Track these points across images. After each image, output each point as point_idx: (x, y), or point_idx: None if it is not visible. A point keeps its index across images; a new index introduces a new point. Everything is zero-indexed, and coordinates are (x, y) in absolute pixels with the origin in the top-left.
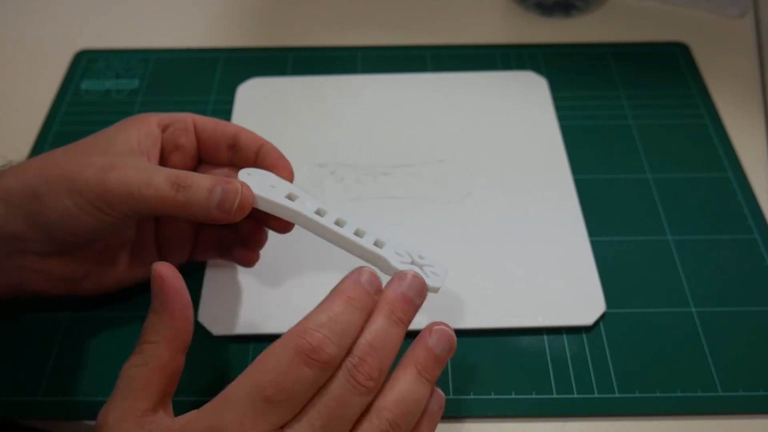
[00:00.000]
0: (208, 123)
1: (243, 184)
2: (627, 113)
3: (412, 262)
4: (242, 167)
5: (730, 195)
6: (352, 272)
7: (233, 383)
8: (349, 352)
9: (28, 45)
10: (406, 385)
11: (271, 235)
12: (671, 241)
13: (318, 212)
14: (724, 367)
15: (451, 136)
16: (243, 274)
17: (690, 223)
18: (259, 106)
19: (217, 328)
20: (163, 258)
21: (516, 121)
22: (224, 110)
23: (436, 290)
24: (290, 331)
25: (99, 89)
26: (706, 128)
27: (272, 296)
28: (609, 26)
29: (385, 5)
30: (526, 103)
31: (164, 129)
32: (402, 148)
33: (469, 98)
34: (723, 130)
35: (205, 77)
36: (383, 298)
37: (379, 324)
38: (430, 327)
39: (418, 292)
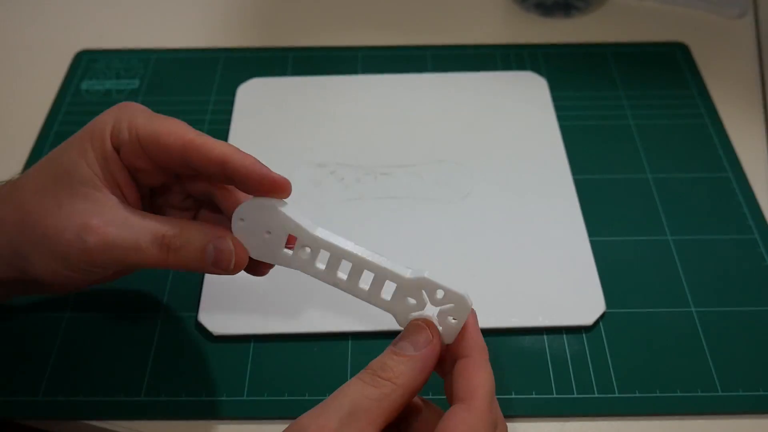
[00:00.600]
0: (149, 142)
1: (236, 242)
2: (627, 113)
3: (424, 309)
4: (215, 181)
5: (730, 195)
6: (471, 325)
7: None
8: None
9: (29, 45)
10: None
11: None
12: (671, 241)
13: (323, 249)
14: (724, 367)
15: (451, 136)
16: (243, 275)
17: (690, 223)
18: (259, 106)
19: (217, 328)
20: None
21: (516, 121)
22: (224, 110)
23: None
24: (480, 404)
25: (99, 89)
26: (706, 128)
27: (272, 296)
28: (609, 26)
29: (385, 5)
30: (526, 103)
31: (117, 150)
32: (402, 148)
33: (469, 98)
34: (723, 130)
35: (205, 77)
36: None
37: None
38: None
39: None
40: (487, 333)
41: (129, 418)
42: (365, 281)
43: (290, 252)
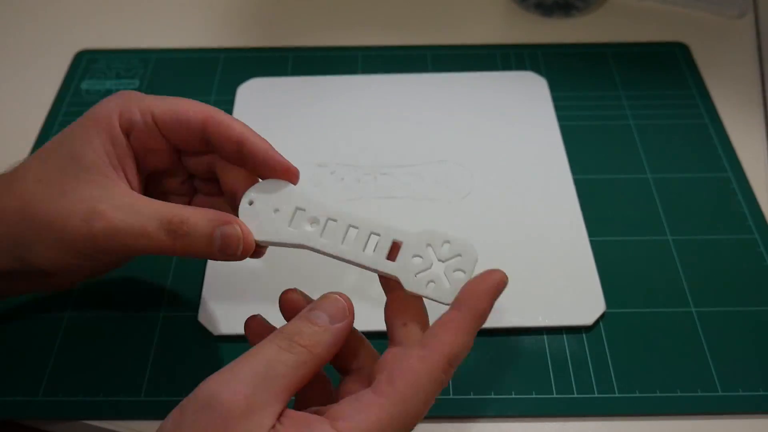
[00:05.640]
0: (167, 119)
1: (243, 226)
2: (627, 113)
3: (431, 266)
4: (227, 159)
5: (730, 195)
6: (484, 290)
7: (382, 411)
8: None
9: (29, 45)
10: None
11: None
12: (671, 241)
13: (330, 218)
14: (724, 367)
15: (451, 136)
16: (243, 274)
17: (690, 223)
18: (259, 106)
19: (217, 328)
20: None
21: (516, 121)
22: (224, 110)
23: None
24: (438, 361)
25: (99, 89)
26: (706, 128)
27: (272, 296)
28: (609, 26)
29: (385, 5)
30: (526, 103)
31: (128, 133)
32: (402, 148)
33: (469, 98)
34: (723, 130)
35: (205, 77)
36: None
37: None
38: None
39: None
40: (487, 333)
41: (129, 418)
42: (369, 248)
43: (294, 229)
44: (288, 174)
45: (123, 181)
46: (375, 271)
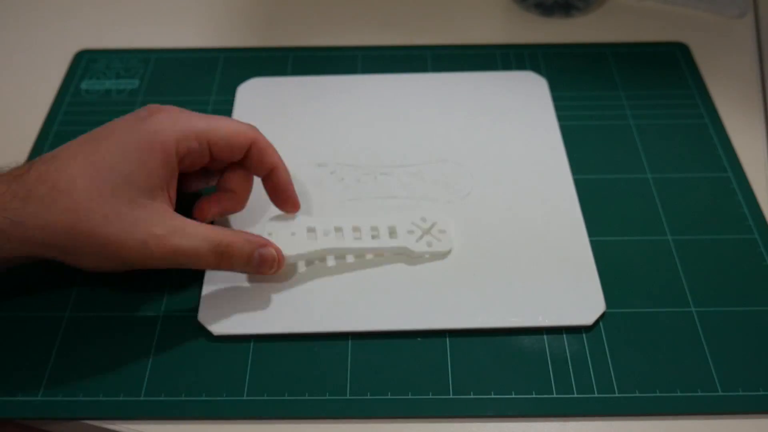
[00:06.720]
0: (222, 145)
1: (276, 248)
2: (627, 113)
3: (422, 235)
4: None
5: (730, 195)
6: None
7: None
8: None
9: (28, 45)
10: None
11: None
12: (671, 241)
13: (336, 227)
14: (724, 367)
15: (452, 136)
16: (243, 275)
17: (690, 223)
18: (259, 106)
19: (217, 328)
20: None
21: (516, 121)
22: (224, 110)
23: (447, 253)
24: None
25: (99, 89)
26: (706, 128)
27: (272, 296)
28: (609, 26)
29: (385, 5)
30: (526, 103)
31: (182, 158)
32: (402, 148)
33: (470, 98)
34: (723, 130)
35: (205, 77)
36: None
37: None
38: None
39: None
40: (488, 333)
41: (129, 418)
42: (381, 235)
43: (313, 241)
44: (294, 208)
45: (169, 201)
46: (386, 249)
